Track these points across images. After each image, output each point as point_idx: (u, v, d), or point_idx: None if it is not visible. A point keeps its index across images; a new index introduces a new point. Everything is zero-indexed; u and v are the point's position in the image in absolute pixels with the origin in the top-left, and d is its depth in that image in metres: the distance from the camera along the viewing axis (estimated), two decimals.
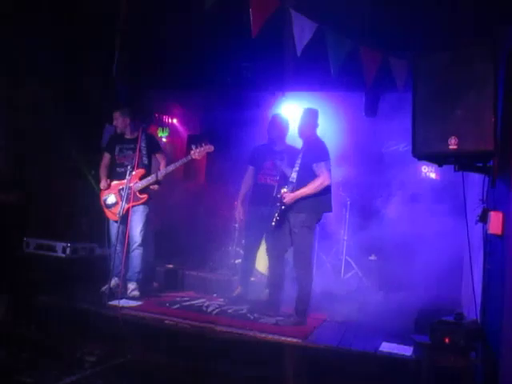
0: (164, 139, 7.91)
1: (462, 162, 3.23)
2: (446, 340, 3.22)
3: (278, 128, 5.05)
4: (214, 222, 6.92)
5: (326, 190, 4.38)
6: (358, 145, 6.28)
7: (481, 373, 3.27)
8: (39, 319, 4.39)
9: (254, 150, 5.22)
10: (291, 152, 4.96)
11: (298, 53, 4.12)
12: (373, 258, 4.22)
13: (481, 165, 3.29)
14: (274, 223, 4.47)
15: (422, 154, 3.25)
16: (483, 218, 3.25)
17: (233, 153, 6.27)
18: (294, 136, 5.07)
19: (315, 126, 4.62)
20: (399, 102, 4.75)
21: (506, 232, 2.89)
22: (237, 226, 6.14)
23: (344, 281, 6.02)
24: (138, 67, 5.78)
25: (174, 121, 8.08)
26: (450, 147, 3.06)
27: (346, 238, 6.25)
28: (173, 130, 8.06)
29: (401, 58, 4.29)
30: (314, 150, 4.46)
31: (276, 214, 4.43)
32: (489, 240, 3.25)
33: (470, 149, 3.03)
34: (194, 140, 7.50)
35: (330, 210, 4.49)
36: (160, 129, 7.85)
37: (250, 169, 5.18)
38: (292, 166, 4.60)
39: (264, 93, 6.42)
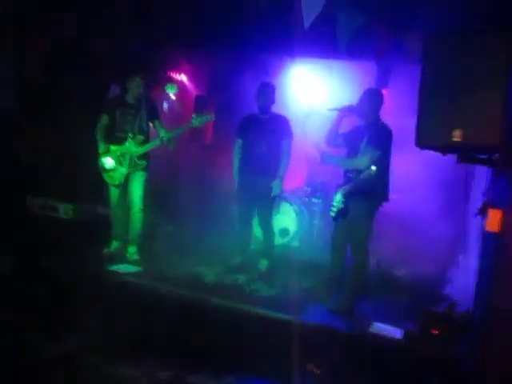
0: (173, 96, 7.77)
1: (466, 154, 3.15)
2: (434, 331, 3.25)
3: (266, 96, 4.89)
4: (218, 183, 6.86)
5: (385, 177, 4.10)
6: None
7: (469, 364, 3.30)
8: (43, 280, 4.48)
9: (241, 121, 5.11)
10: (277, 120, 4.92)
11: (306, 26, 3.97)
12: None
13: (485, 157, 3.20)
14: (334, 213, 4.16)
15: (426, 144, 3.17)
16: (483, 212, 3.20)
17: (240, 115, 6.15)
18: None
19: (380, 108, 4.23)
20: (410, 76, 4.58)
21: (502, 230, 2.85)
22: None
23: None
24: (149, 27, 5.63)
25: (184, 79, 7.91)
26: (455, 139, 2.97)
27: None
28: (182, 88, 7.90)
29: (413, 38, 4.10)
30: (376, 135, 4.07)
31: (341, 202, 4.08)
32: (485, 235, 3.21)
33: (475, 142, 2.95)
34: (200, 101, 7.42)
35: (387, 199, 4.18)
36: (168, 85, 7.69)
37: (238, 141, 5.07)
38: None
39: (273, 57, 6.24)
